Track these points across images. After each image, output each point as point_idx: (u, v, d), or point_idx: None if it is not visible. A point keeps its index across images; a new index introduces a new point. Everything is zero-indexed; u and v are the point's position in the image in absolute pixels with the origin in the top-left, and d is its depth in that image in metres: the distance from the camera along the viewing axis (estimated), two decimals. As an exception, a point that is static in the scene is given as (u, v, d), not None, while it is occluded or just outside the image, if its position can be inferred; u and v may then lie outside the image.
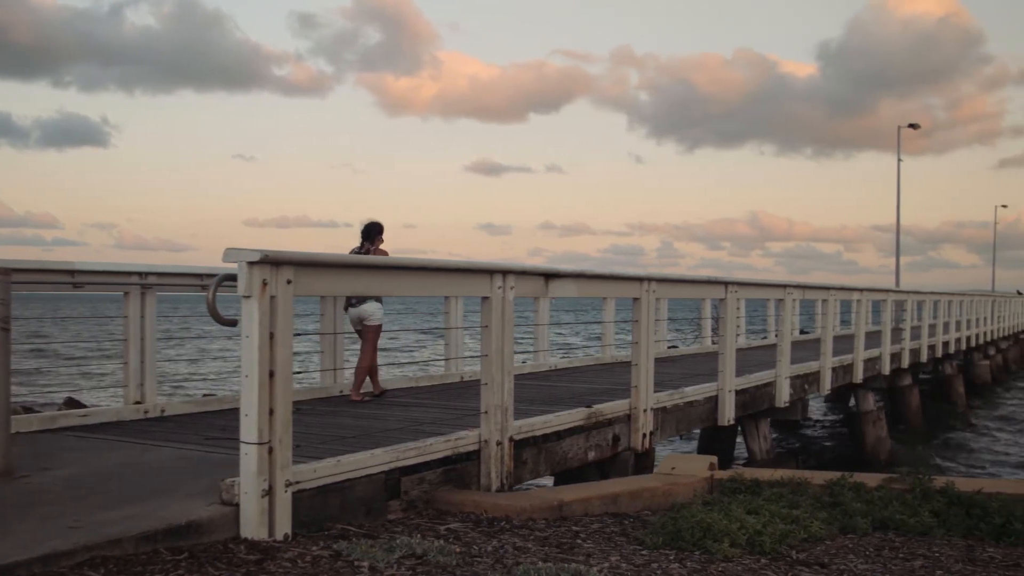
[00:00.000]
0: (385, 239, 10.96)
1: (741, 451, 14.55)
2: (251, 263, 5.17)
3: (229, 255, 5.20)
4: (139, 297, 9.15)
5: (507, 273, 7.28)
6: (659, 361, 10.97)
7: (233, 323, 5.53)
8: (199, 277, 9.81)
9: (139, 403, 9.09)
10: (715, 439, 15.53)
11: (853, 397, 19.05)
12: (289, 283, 5.35)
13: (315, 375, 11.74)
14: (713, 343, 17.61)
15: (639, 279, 9.22)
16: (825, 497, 7.19)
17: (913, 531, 6.55)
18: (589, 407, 8.64)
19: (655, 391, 9.56)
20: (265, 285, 5.21)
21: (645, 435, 9.23)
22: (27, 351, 35.62)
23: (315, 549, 5.05)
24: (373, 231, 10.99)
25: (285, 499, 5.31)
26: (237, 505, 5.20)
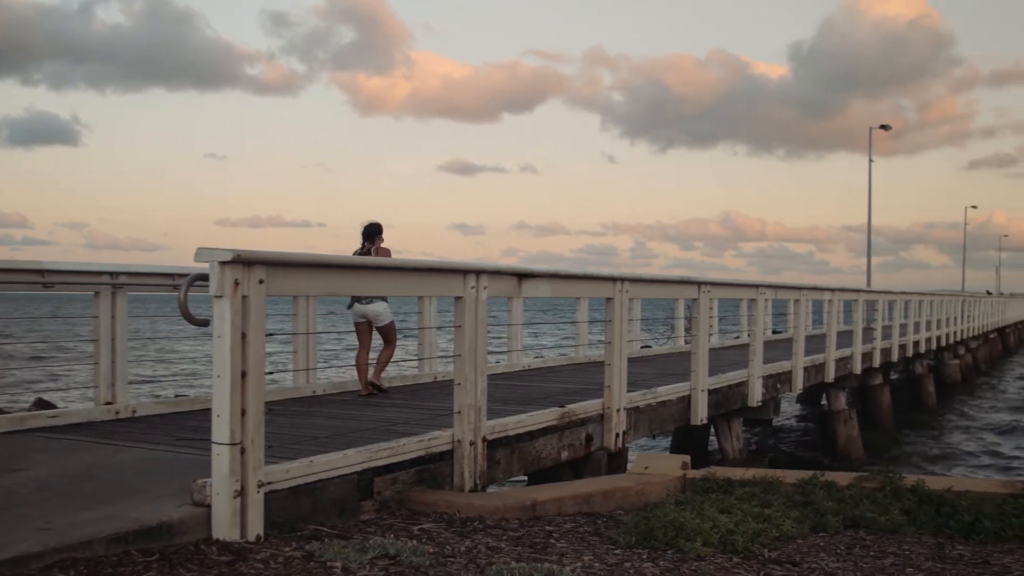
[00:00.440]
0: (359, 239, 11.06)
1: (714, 450, 14.60)
2: (223, 263, 5.14)
3: (201, 255, 5.18)
4: (110, 297, 9.09)
5: (480, 273, 7.28)
6: (632, 361, 10.99)
7: (205, 323, 5.50)
8: (171, 277, 9.76)
9: (110, 404, 9.03)
10: (688, 438, 15.57)
11: (825, 396, 19.17)
12: (261, 283, 5.33)
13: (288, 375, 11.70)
14: (686, 343, 17.68)
15: (612, 279, 9.24)
16: (797, 496, 7.23)
17: (884, 529, 6.60)
18: (562, 407, 8.65)
19: (628, 391, 9.57)
20: (237, 285, 5.18)
21: (618, 435, 9.25)
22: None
23: (287, 550, 5.03)
24: (373, 231, 11.29)
25: (257, 500, 5.28)
26: (209, 506, 5.17)
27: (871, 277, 42.33)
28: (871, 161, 42.27)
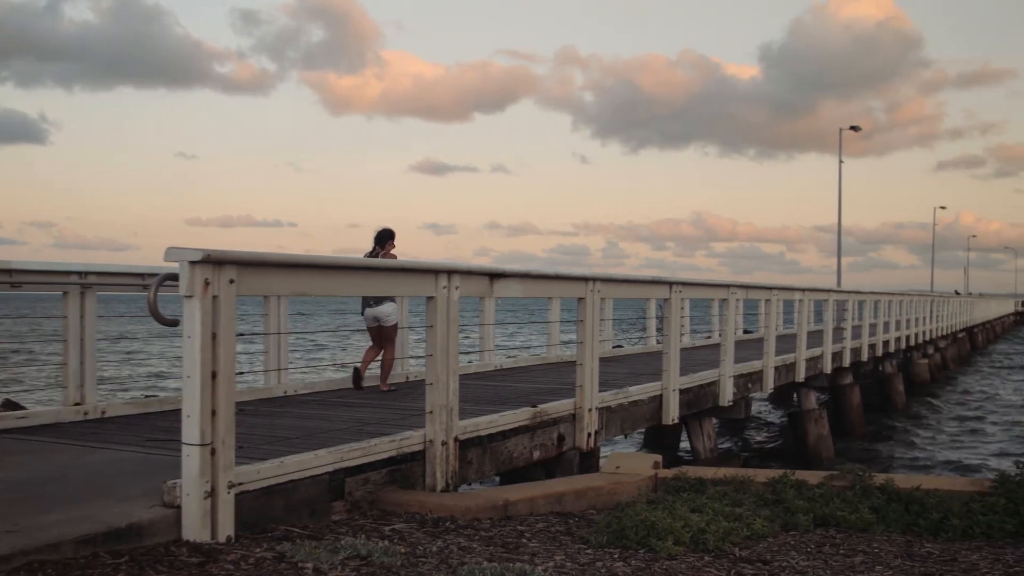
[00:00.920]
0: (330, 239, 11.16)
1: (686, 450, 14.65)
2: (193, 262, 5.11)
3: (170, 254, 5.14)
4: (79, 297, 9.01)
5: (452, 273, 7.28)
6: (604, 361, 11.01)
7: (175, 323, 5.47)
8: (140, 276, 9.69)
9: (79, 404, 8.95)
10: (660, 438, 15.64)
11: (796, 396, 19.26)
12: (232, 283, 5.31)
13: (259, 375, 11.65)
14: (658, 343, 17.72)
15: (584, 279, 9.25)
16: (768, 495, 7.27)
17: (853, 527, 6.65)
18: (534, 407, 8.65)
19: (600, 390, 9.59)
20: (207, 285, 5.16)
21: (590, 434, 9.26)
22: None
23: (258, 551, 5.01)
24: (385, 237, 11.89)
25: (228, 501, 5.26)
26: (179, 507, 5.14)
27: (841, 277, 42.66)
28: (841, 162, 42.60)
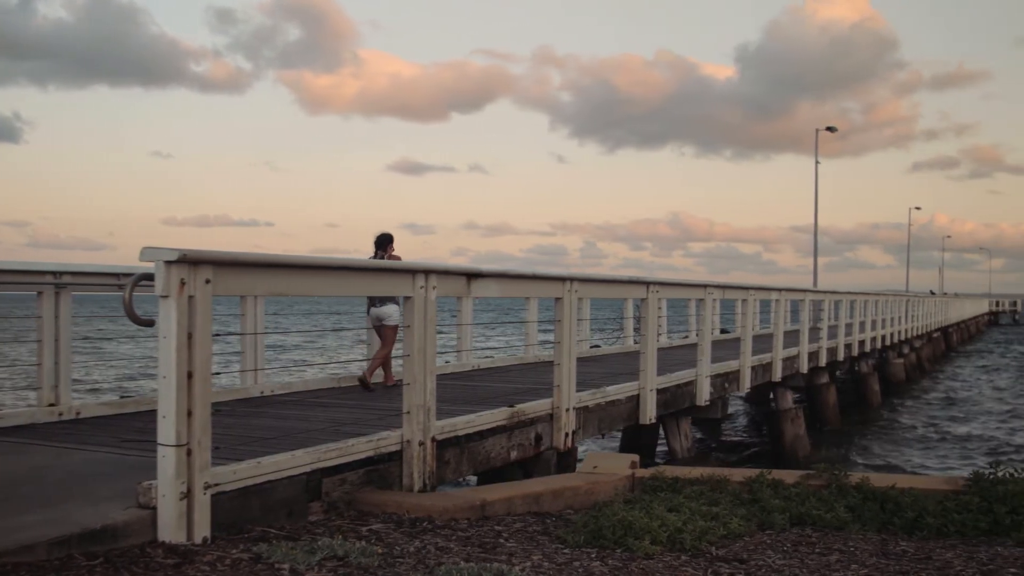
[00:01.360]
0: (308, 238, 11.20)
1: (663, 449, 14.68)
2: (168, 262, 5.09)
3: (146, 254, 5.12)
4: (53, 297, 8.95)
5: (429, 273, 7.27)
6: (582, 361, 11.02)
7: (150, 323, 5.44)
8: (116, 276, 9.63)
9: (53, 405, 8.89)
10: (637, 438, 15.63)
11: (772, 395, 19.34)
12: (208, 283, 5.28)
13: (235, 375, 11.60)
14: (635, 343, 17.75)
15: (561, 279, 9.26)
16: (744, 494, 7.30)
17: (829, 526, 6.69)
18: (512, 407, 8.65)
19: (577, 390, 9.60)
20: (183, 285, 5.14)
21: (567, 434, 9.27)
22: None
23: (235, 552, 4.99)
24: (385, 241, 12.33)
25: (204, 501, 5.24)
26: (154, 508, 5.12)
27: (818, 277, 42.81)
28: (817, 163, 42.78)
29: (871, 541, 6.34)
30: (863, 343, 27.04)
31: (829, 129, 44.18)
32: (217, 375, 5.86)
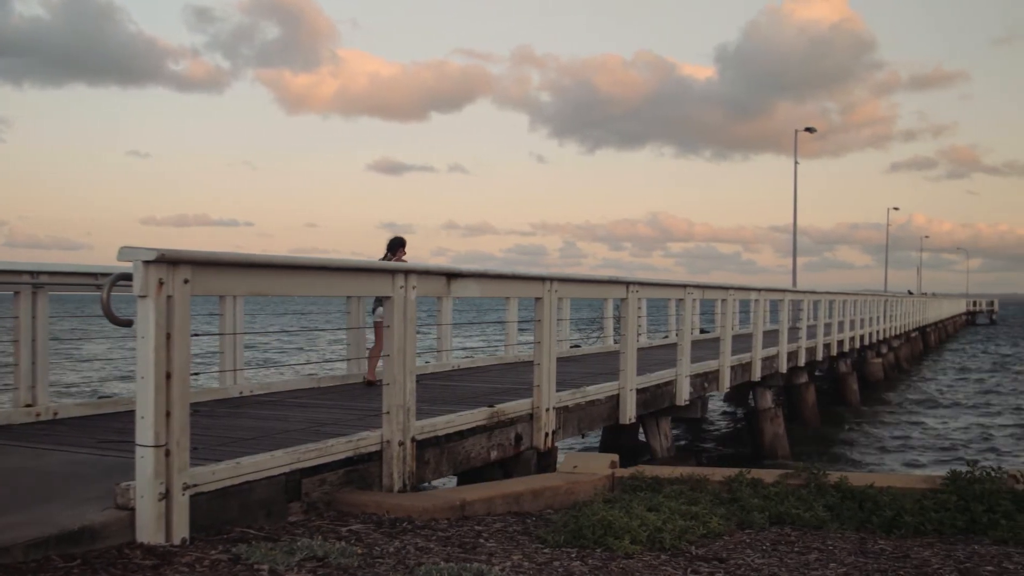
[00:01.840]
0: (288, 238, 11.25)
1: (643, 448, 14.71)
2: (147, 262, 5.07)
3: (124, 254, 5.09)
4: (30, 297, 8.89)
5: (409, 273, 7.27)
6: (562, 360, 11.03)
7: (128, 323, 5.42)
8: (94, 276, 9.58)
9: (30, 406, 8.84)
10: (617, 437, 15.66)
11: (751, 395, 19.41)
12: (187, 282, 5.26)
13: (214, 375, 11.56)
14: (615, 342, 17.78)
15: (541, 279, 9.26)
16: (724, 493, 7.32)
17: (808, 525, 6.71)
18: (492, 407, 8.65)
19: (557, 390, 9.61)
20: (161, 284, 5.11)
21: (547, 434, 9.28)
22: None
23: (214, 553, 4.97)
24: (396, 244, 12.80)
25: (183, 502, 5.22)
26: (133, 509, 5.09)
27: (797, 277, 42.96)
28: (797, 163, 42.91)
29: (849, 540, 6.37)
30: (842, 343, 27.17)
31: (808, 130, 44.32)
32: (196, 375, 5.83)
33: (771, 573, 5.46)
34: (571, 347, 19.99)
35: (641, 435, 14.09)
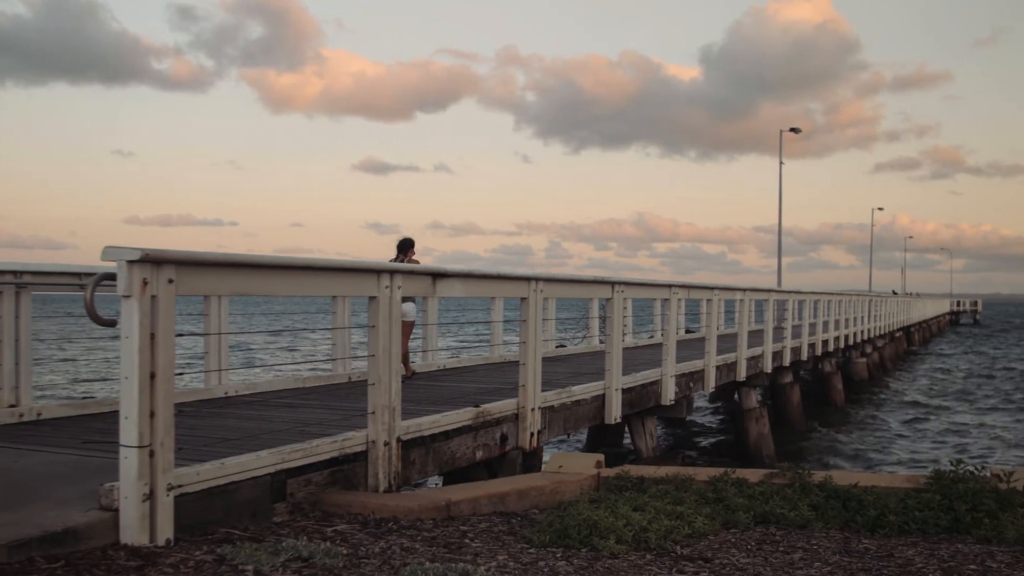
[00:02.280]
0: (273, 238, 11.22)
1: (628, 448, 14.73)
2: (131, 262, 5.05)
3: (108, 253, 5.07)
4: (13, 296, 8.85)
5: (394, 273, 7.26)
6: (547, 360, 11.04)
7: (112, 323, 5.40)
8: (77, 276, 9.53)
9: (13, 406, 8.79)
10: (602, 437, 15.71)
11: (737, 395, 19.45)
12: (171, 282, 5.25)
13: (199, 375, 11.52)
14: (601, 342, 17.80)
15: (527, 279, 9.26)
16: (709, 493, 7.33)
17: (793, 524, 6.73)
18: (477, 407, 8.65)
19: (543, 390, 9.61)
20: (146, 284, 5.10)
21: (533, 434, 9.28)
22: None
23: (198, 554, 4.95)
24: (406, 245, 13.15)
25: (167, 503, 5.20)
26: (117, 510, 5.08)
27: (782, 277, 43.08)
28: (782, 163, 43.02)
29: (834, 539, 6.39)
30: (826, 343, 27.26)
31: (793, 130, 44.41)
32: (180, 375, 5.81)
33: (756, 572, 5.47)
34: (557, 347, 20.00)
35: (627, 435, 14.12)
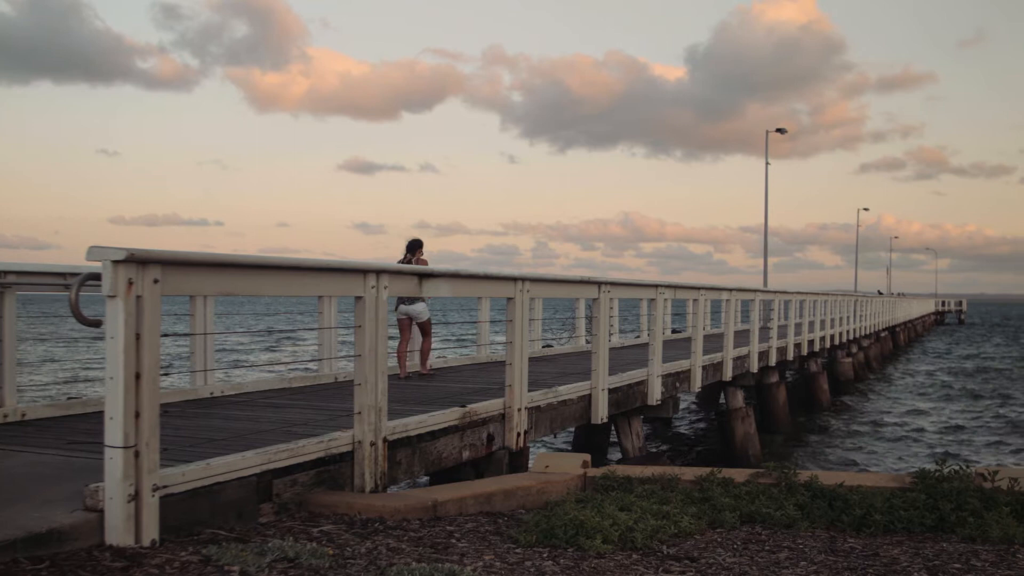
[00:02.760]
0: (259, 237, 11.23)
1: (615, 448, 14.74)
2: (116, 262, 5.03)
3: (93, 253, 5.05)
4: (-3, 297, 8.81)
5: (381, 273, 7.25)
6: (534, 360, 11.05)
7: (97, 324, 5.38)
8: (62, 276, 9.49)
9: (-2, 407, 8.75)
10: (589, 437, 15.71)
11: (723, 395, 19.50)
12: (156, 282, 5.23)
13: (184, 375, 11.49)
14: (587, 342, 17.81)
15: (513, 279, 9.27)
16: (695, 492, 7.35)
17: (779, 524, 6.75)
18: (464, 407, 8.65)
19: (529, 390, 9.62)
20: (131, 284, 5.08)
21: (519, 434, 9.28)
22: None
23: (184, 555, 4.94)
24: (415, 246, 13.57)
25: (152, 504, 5.18)
26: (102, 511, 5.06)
27: (768, 277, 43.22)
28: (768, 164, 43.17)
29: (819, 538, 6.41)
30: (812, 343, 27.35)
31: (779, 131, 44.61)
32: (166, 375, 5.79)
33: (742, 572, 5.49)
34: (543, 347, 20.01)
35: (613, 435, 14.13)
